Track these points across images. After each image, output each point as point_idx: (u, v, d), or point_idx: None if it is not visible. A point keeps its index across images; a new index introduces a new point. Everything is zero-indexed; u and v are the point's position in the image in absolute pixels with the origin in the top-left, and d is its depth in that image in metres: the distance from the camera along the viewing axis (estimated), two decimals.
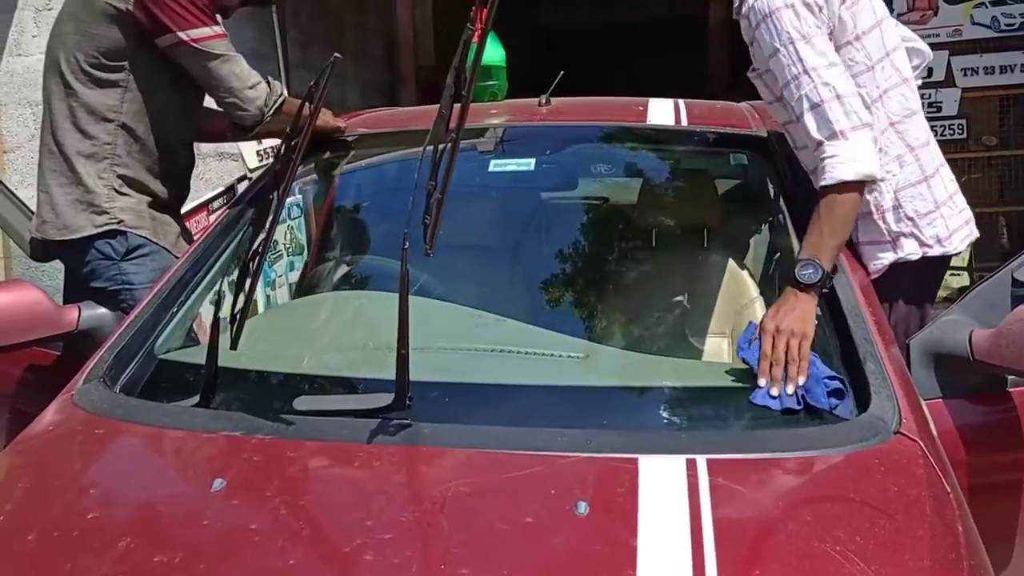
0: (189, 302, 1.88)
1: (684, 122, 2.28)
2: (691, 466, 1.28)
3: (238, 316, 1.49)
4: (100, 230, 2.20)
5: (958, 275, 5.10)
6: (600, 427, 1.43)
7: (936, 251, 1.99)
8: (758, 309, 2.13)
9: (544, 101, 2.38)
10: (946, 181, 2.04)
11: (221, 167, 5.37)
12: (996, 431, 1.65)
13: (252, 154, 4.74)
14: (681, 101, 2.40)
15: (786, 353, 1.52)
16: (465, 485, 1.27)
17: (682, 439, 1.37)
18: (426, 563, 1.13)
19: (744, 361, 1.55)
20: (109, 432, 1.51)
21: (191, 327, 1.90)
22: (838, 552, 1.13)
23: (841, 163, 1.71)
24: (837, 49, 1.87)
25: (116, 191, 2.22)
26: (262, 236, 1.41)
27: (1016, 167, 5.23)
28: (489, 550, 1.16)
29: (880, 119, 1.93)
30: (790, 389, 1.47)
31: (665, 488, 1.25)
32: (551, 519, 1.20)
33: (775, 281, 2.12)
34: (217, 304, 1.49)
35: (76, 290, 2.23)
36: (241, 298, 1.48)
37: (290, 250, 2.89)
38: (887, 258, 2.00)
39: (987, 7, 4.99)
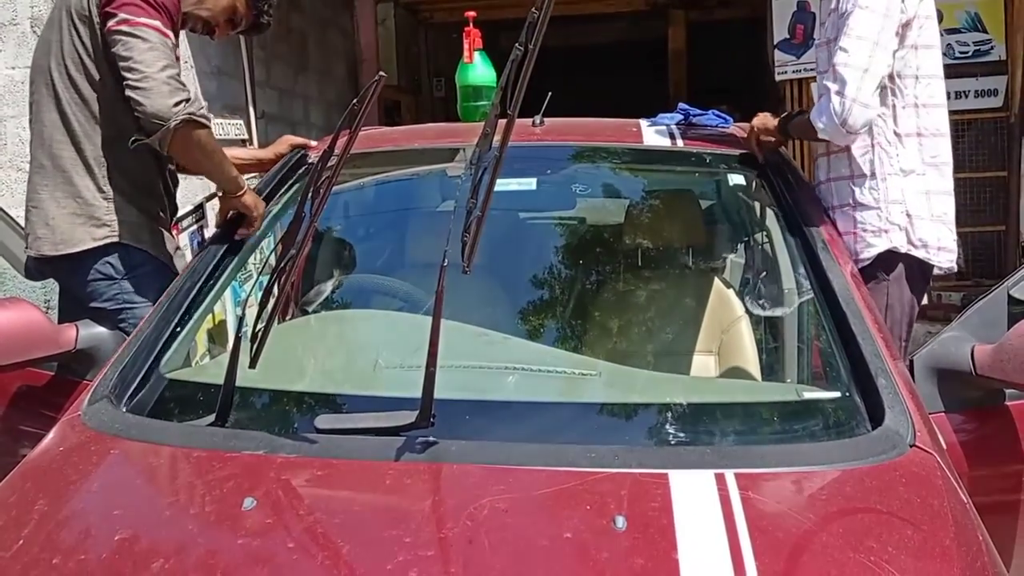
0: (192, 320, 1.86)
1: (680, 142, 2.32)
2: (720, 480, 1.30)
3: (259, 335, 1.48)
4: (99, 243, 2.15)
5: None
6: (624, 444, 1.45)
7: (920, 253, 2.19)
8: (740, 328, 2.18)
9: (538, 121, 2.40)
10: (947, 206, 2.23)
11: (187, 186, 5.31)
12: (995, 444, 1.71)
13: None
14: None
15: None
16: (500, 501, 1.27)
17: (709, 454, 1.40)
18: None
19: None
20: (125, 452, 1.48)
21: (197, 344, 1.87)
22: (872, 562, 1.16)
23: (819, 113, 2.16)
24: (898, 48, 2.19)
25: (115, 204, 2.18)
26: (290, 254, 1.40)
27: (971, 190, 5.42)
28: (533, 566, 1.16)
29: (910, 125, 2.22)
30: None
31: (698, 502, 1.27)
32: (590, 534, 1.21)
33: (768, 299, 2.16)
34: (239, 322, 1.48)
35: (73, 309, 2.18)
36: (264, 317, 1.47)
37: (259, 269, 2.87)
38: (878, 245, 2.23)
39: (943, 35, 5.18)
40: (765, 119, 2.30)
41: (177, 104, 2.03)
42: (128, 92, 2.05)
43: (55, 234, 2.17)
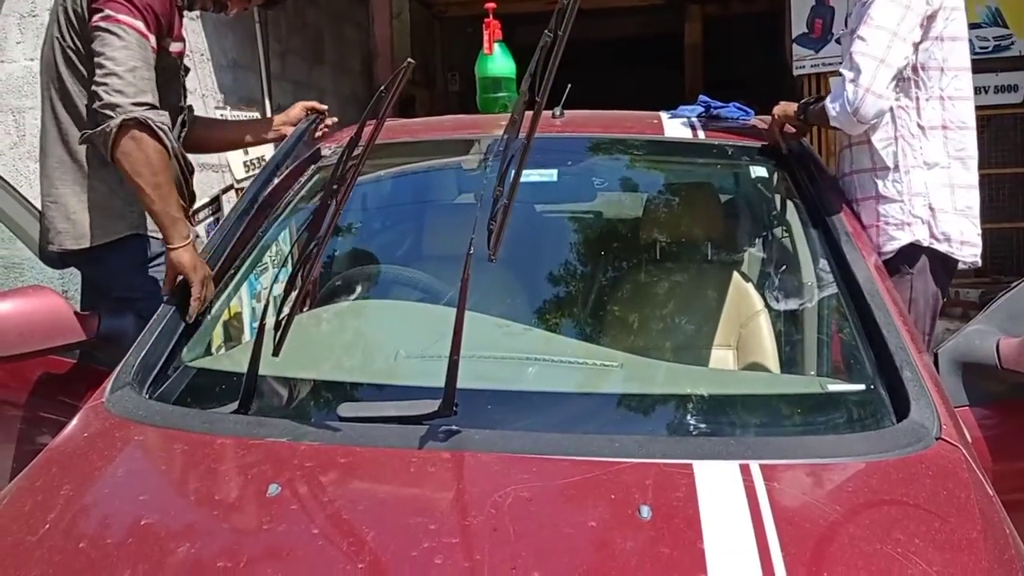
0: (215, 308, 1.87)
1: (701, 135, 2.31)
2: (745, 471, 1.29)
3: (283, 323, 1.48)
4: (120, 236, 2.16)
5: None
6: (647, 434, 1.44)
7: (943, 248, 2.18)
8: (760, 323, 2.17)
9: (558, 113, 2.40)
10: (971, 200, 2.21)
11: (203, 178, 5.33)
12: (1020, 438, 1.70)
13: (239, 165, 4.71)
14: None
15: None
16: (524, 490, 1.27)
17: (733, 445, 1.39)
18: (497, 567, 1.13)
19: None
20: (149, 438, 1.49)
21: (219, 332, 1.88)
22: (900, 554, 1.15)
23: (833, 99, 2.17)
24: (921, 40, 2.18)
25: (132, 196, 2.18)
26: (314, 243, 1.40)
27: (991, 187, 5.38)
28: (559, 554, 1.16)
29: (934, 118, 2.21)
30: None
31: (723, 492, 1.26)
32: (616, 523, 1.21)
33: (789, 292, 2.15)
34: (264, 311, 1.48)
35: (95, 298, 2.19)
36: (288, 305, 1.47)
37: (275, 262, 2.87)
38: (901, 238, 2.22)
39: None
40: (786, 107, 2.29)
41: (137, 104, 1.99)
42: (92, 87, 2.02)
43: (76, 228, 2.18)
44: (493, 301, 2.01)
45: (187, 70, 2.42)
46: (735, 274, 2.31)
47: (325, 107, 2.49)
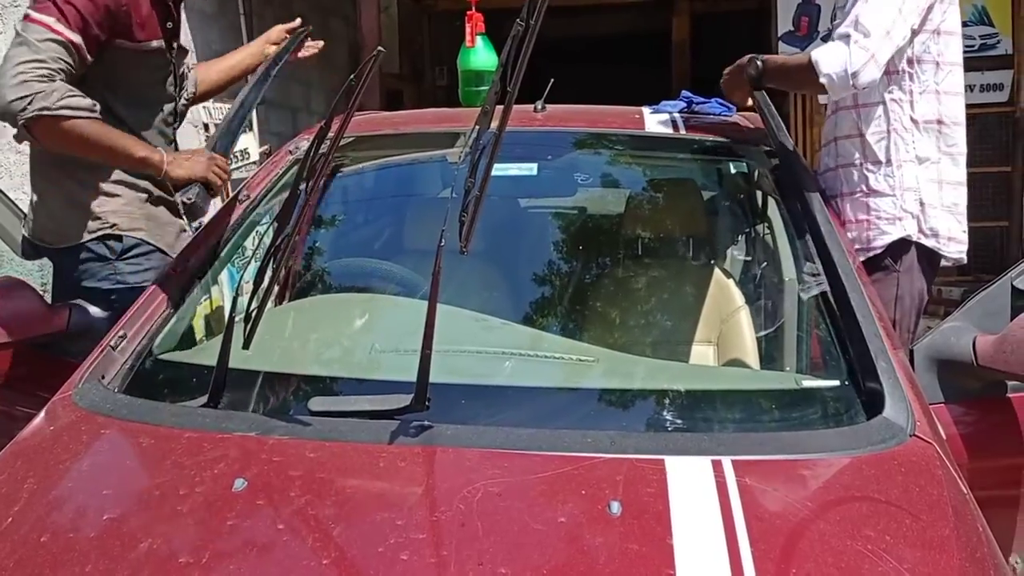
0: (187, 301, 1.85)
1: (682, 130, 2.30)
2: (717, 467, 1.29)
3: (253, 316, 1.46)
4: (94, 236, 2.15)
5: None
6: (620, 429, 1.43)
7: (930, 243, 2.17)
8: (740, 318, 2.16)
9: (540, 107, 2.38)
10: (958, 197, 2.21)
11: None
12: (996, 436, 1.69)
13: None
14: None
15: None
16: (494, 485, 1.26)
17: (705, 441, 1.38)
18: (464, 562, 1.12)
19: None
20: (116, 432, 1.47)
21: (190, 325, 1.86)
22: (870, 551, 1.14)
23: (826, 56, 2.08)
24: (918, 31, 2.15)
25: (106, 194, 2.17)
26: (284, 235, 1.38)
27: (975, 185, 5.38)
28: (527, 550, 1.15)
29: (928, 112, 2.18)
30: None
31: (694, 488, 1.25)
32: (585, 519, 1.20)
33: (771, 288, 2.15)
34: (234, 304, 1.46)
35: (66, 290, 2.17)
36: (257, 298, 1.45)
37: (257, 255, 2.84)
38: (892, 232, 2.20)
39: None
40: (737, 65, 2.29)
41: (17, 100, 1.96)
42: None
43: (53, 223, 2.18)
44: (471, 295, 1.99)
45: (180, 57, 2.40)
46: (716, 270, 2.30)
47: (306, 27, 2.49)
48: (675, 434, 1.44)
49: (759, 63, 2.24)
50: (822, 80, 2.08)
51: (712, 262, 2.31)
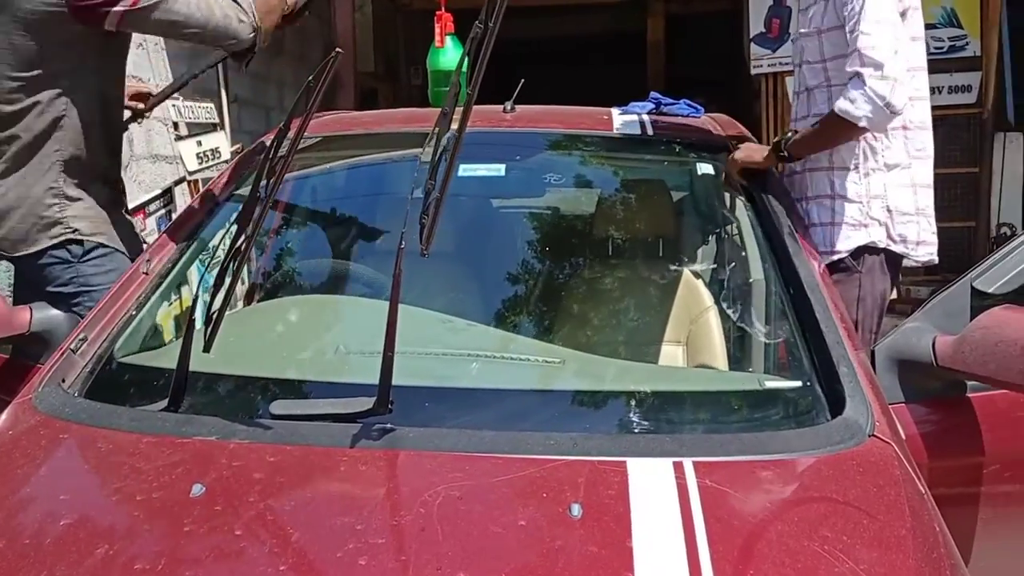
0: (148, 304, 1.83)
1: (650, 131, 2.31)
2: (678, 468, 1.29)
3: (214, 318, 1.45)
4: (56, 241, 2.14)
5: None
6: (584, 431, 1.43)
7: (898, 248, 2.18)
8: (709, 319, 2.17)
9: (509, 108, 2.38)
10: (929, 199, 2.21)
11: (155, 170, 5.24)
12: (956, 436, 1.71)
13: (192, 157, 4.62)
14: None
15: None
16: (455, 489, 1.25)
17: (668, 442, 1.38)
18: (422, 567, 1.11)
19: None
20: (75, 437, 1.45)
21: (152, 328, 1.84)
22: (827, 551, 1.15)
23: (855, 103, 2.04)
24: None
25: (67, 198, 2.15)
26: (244, 236, 1.37)
27: (943, 186, 5.44)
28: (485, 553, 1.14)
29: (896, 119, 2.14)
30: None
31: (655, 490, 1.26)
32: (545, 522, 1.20)
33: (736, 289, 2.16)
34: (191, 306, 1.45)
35: (28, 292, 2.14)
36: (218, 300, 1.44)
37: (218, 257, 2.82)
38: (857, 238, 2.20)
39: None
40: (749, 152, 2.18)
41: (245, 14, 2.12)
42: (206, 44, 2.19)
43: (13, 234, 2.15)
44: (437, 296, 1.99)
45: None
46: (685, 270, 2.31)
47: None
48: (637, 436, 1.44)
49: (786, 153, 2.19)
50: (862, 125, 2.06)
51: (681, 263, 2.32)
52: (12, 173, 2.15)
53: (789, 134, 2.20)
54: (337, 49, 1.31)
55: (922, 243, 2.24)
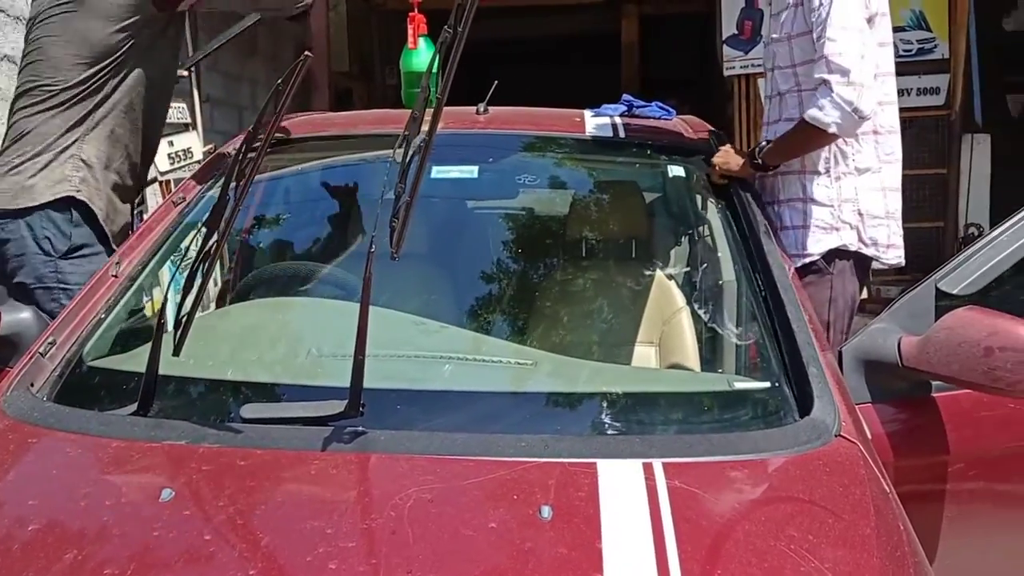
0: (118, 307, 1.81)
1: (622, 133, 2.32)
2: (648, 470, 1.30)
3: (183, 322, 1.44)
4: (55, 197, 2.15)
5: None
6: (555, 433, 1.44)
7: (869, 251, 2.21)
8: (681, 320, 2.19)
9: (483, 109, 2.39)
10: (897, 203, 2.25)
11: None
12: (921, 435, 1.74)
13: (163, 157, 4.58)
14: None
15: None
16: (426, 491, 1.26)
17: (638, 444, 1.40)
18: (393, 570, 1.12)
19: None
20: (44, 442, 1.44)
21: (121, 331, 1.83)
22: (793, 551, 1.17)
23: (822, 110, 2.07)
24: None
25: (83, 162, 2.20)
26: (214, 239, 1.37)
27: (913, 187, 5.52)
28: (455, 556, 1.15)
29: (866, 123, 2.17)
30: None
31: (625, 491, 1.27)
32: (516, 524, 1.21)
33: (707, 290, 2.18)
34: (160, 309, 1.44)
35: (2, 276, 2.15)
36: (187, 303, 1.43)
37: (188, 260, 2.81)
38: (828, 241, 2.22)
39: None
40: (728, 156, 2.20)
41: None
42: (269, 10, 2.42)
43: (19, 183, 2.20)
44: (410, 298, 1.99)
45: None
46: (657, 272, 2.33)
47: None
48: (608, 437, 1.45)
49: (759, 161, 2.21)
50: (832, 131, 2.09)
51: (653, 264, 2.34)
52: (40, 132, 2.21)
53: (763, 143, 2.22)
54: (307, 52, 1.30)
55: (891, 246, 2.27)
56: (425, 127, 1.29)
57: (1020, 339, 1.53)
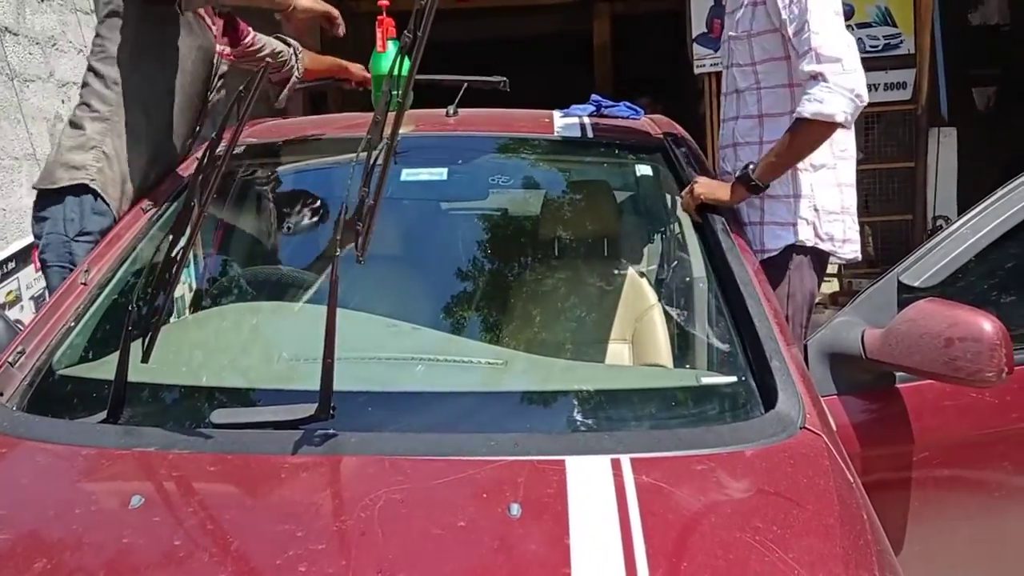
0: (88, 314, 1.81)
1: (590, 133, 2.34)
2: (616, 465, 1.32)
3: (151, 329, 1.44)
4: (69, 182, 2.23)
5: (828, 281, 5.42)
6: (525, 431, 1.46)
7: (826, 247, 2.23)
8: (653, 317, 2.21)
9: (452, 112, 2.40)
10: (853, 198, 2.27)
11: None
12: (886, 425, 1.77)
13: None
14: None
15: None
16: (396, 492, 1.26)
17: (606, 440, 1.41)
18: (362, 570, 1.13)
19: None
20: (12, 451, 1.43)
21: (91, 339, 1.82)
22: (758, 541, 1.19)
23: (823, 101, 2.01)
24: None
25: (103, 153, 2.26)
26: (180, 245, 1.37)
27: (880, 180, 5.60)
28: (425, 555, 1.16)
29: None
30: None
31: (593, 487, 1.28)
32: (485, 522, 1.22)
33: (675, 287, 2.20)
34: (128, 316, 1.44)
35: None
36: (155, 310, 1.43)
37: (155, 268, 2.81)
38: (786, 238, 2.23)
39: (854, 29, 5.33)
40: (712, 189, 2.11)
41: None
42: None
43: (45, 167, 2.32)
44: (381, 300, 2.00)
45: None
46: (629, 269, 2.35)
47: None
48: (576, 434, 1.47)
49: (755, 182, 2.13)
50: (839, 120, 2.03)
51: (625, 261, 2.36)
52: (75, 122, 2.32)
53: (751, 166, 2.15)
54: (268, 60, 1.31)
55: (847, 241, 2.30)
56: (388, 130, 1.30)
57: (979, 330, 1.57)
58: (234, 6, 2.44)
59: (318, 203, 2.42)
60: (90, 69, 2.33)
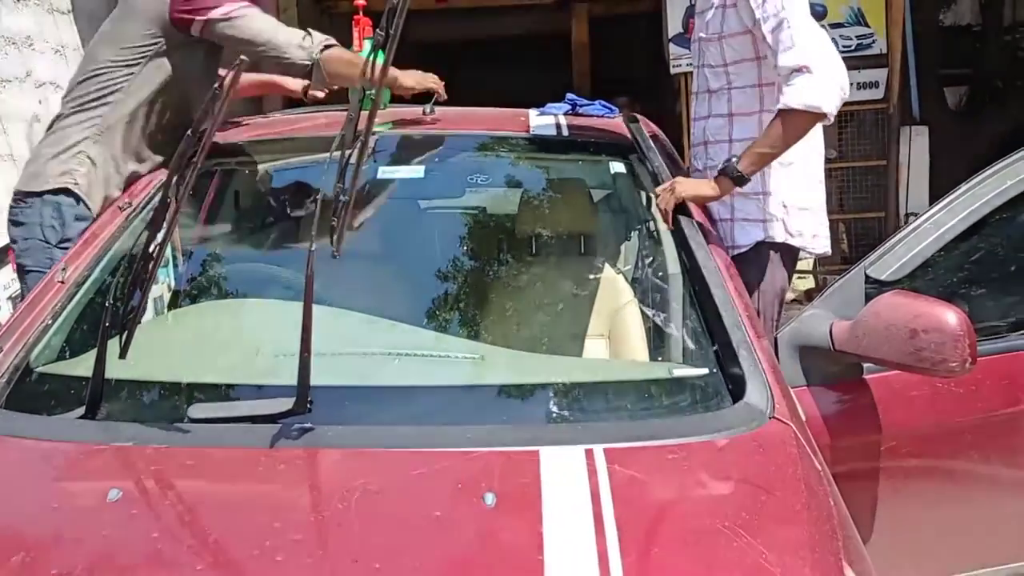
0: (66, 312, 1.81)
1: (565, 132, 2.36)
2: (589, 455, 1.34)
3: (128, 324, 1.45)
4: (53, 186, 2.24)
5: (804, 278, 5.48)
6: (501, 423, 1.48)
7: (796, 242, 2.27)
8: (629, 312, 2.24)
9: (429, 110, 2.42)
10: (821, 194, 2.31)
11: None
12: (854, 415, 1.81)
13: None
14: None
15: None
16: (373, 484, 1.29)
17: (579, 430, 1.44)
18: (338, 561, 1.15)
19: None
20: None
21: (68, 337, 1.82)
22: (727, 528, 1.22)
23: (811, 93, 2.02)
24: None
25: (88, 158, 2.27)
26: (156, 241, 1.38)
27: (853, 178, 5.67)
28: (401, 545, 1.18)
29: None
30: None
31: (566, 477, 1.31)
32: (460, 512, 1.24)
33: (649, 283, 2.23)
34: (105, 313, 1.45)
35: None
36: (132, 306, 1.44)
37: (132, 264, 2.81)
38: (756, 234, 2.27)
39: (827, 29, 5.38)
40: (691, 185, 2.11)
41: (305, 45, 2.37)
42: (267, 61, 2.44)
43: (30, 169, 2.34)
44: (359, 296, 2.01)
45: None
46: (605, 265, 2.37)
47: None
48: (551, 425, 1.49)
49: (739, 173, 2.11)
50: (826, 110, 2.04)
51: (601, 258, 2.38)
52: (63, 125, 2.33)
53: (732, 160, 2.15)
54: (242, 58, 1.32)
55: (816, 236, 2.34)
56: (362, 127, 1.32)
57: (943, 321, 1.61)
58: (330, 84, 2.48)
59: (294, 200, 2.43)
60: (81, 81, 2.33)
